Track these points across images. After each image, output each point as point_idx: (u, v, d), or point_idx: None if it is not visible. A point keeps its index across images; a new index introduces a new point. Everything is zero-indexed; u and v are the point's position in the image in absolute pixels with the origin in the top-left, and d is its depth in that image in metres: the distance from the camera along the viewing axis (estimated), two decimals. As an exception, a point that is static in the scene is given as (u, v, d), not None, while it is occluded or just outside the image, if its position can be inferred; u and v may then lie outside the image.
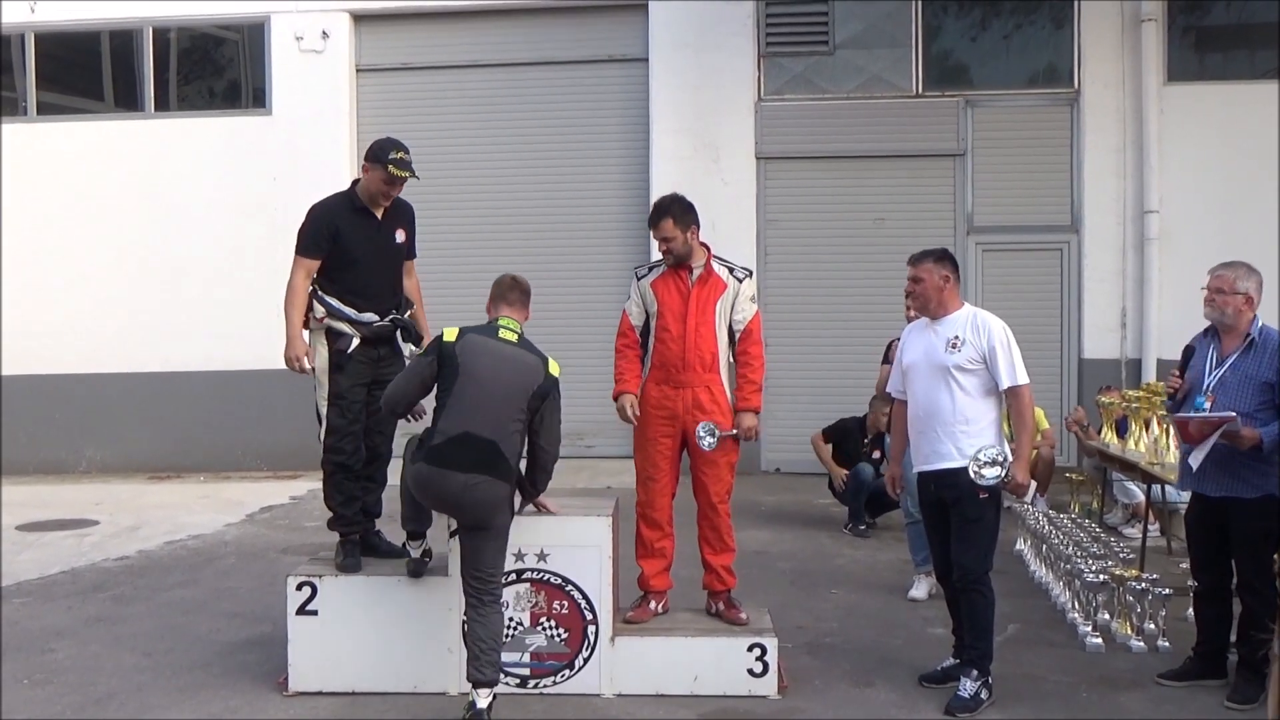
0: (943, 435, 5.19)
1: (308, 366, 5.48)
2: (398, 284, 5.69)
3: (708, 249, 5.58)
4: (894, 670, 5.65)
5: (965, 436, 5.15)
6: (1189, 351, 5.47)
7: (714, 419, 5.41)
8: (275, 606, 5.90)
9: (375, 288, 5.54)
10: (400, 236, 5.66)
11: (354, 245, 5.48)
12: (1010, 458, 5.08)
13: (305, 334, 5.57)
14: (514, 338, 4.97)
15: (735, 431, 5.44)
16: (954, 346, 5.19)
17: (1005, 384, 5.14)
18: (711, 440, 5.36)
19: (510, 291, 5.12)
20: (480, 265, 5.70)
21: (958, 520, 5.20)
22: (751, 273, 5.69)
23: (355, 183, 5.67)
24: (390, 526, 5.94)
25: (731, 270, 5.56)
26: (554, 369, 4.99)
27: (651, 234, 5.59)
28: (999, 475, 5.02)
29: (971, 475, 5.02)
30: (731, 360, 5.55)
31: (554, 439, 5.01)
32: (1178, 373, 5.51)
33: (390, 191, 5.51)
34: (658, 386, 5.51)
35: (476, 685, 4.78)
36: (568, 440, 5.65)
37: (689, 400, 5.43)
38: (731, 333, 5.52)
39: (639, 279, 5.64)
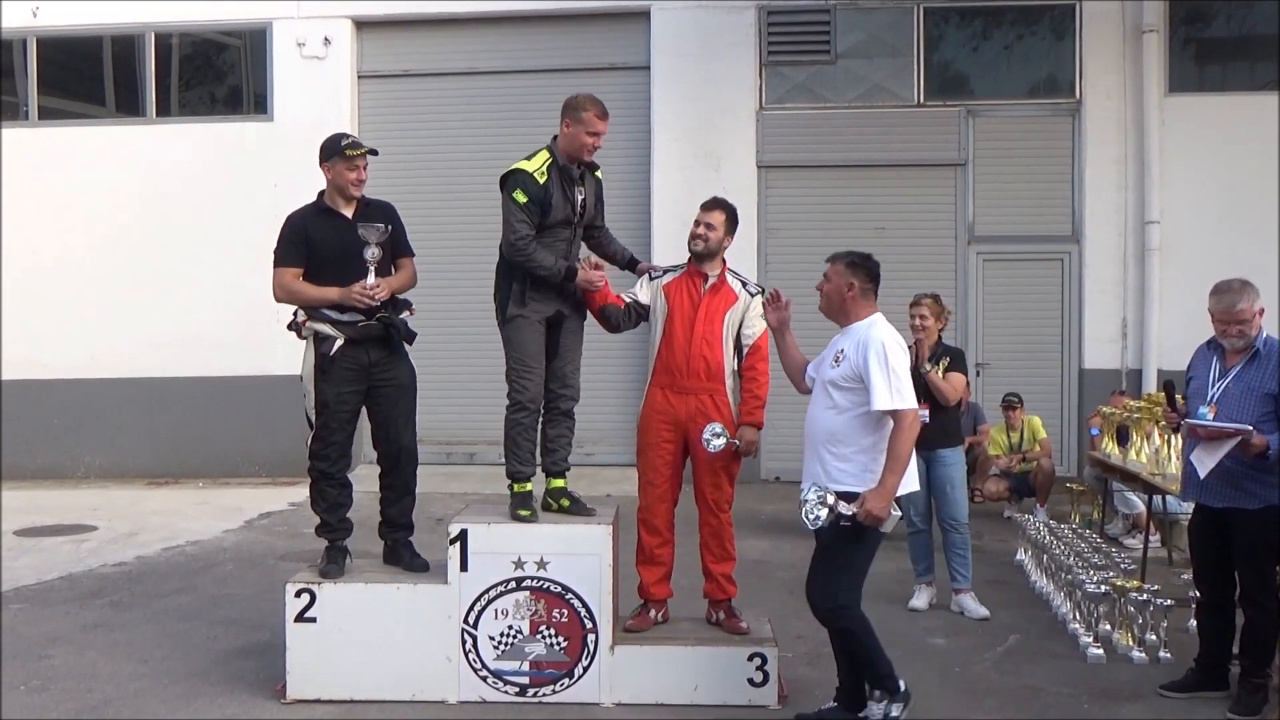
0: (813, 454, 4.83)
1: (370, 290, 5.27)
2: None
3: (725, 262, 5.60)
4: (894, 681, 5.62)
5: (833, 459, 4.74)
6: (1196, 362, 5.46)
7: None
8: (273, 613, 5.88)
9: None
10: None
11: (324, 246, 5.40)
12: (837, 505, 4.59)
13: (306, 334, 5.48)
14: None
15: (737, 442, 5.41)
16: (836, 361, 4.85)
17: (876, 405, 4.62)
18: (719, 442, 5.21)
19: None
20: (481, 271, 5.68)
21: (817, 546, 4.87)
22: (764, 289, 5.68)
23: (321, 193, 5.57)
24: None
25: (745, 284, 5.60)
26: (517, 165, 5.32)
27: (697, 216, 5.57)
28: (825, 518, 4.55)
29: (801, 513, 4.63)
30: (737, 371, 5.52)
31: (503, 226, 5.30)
32: (1172, 410, 5.54)
33: (359, 177, 5.44)
34: (661, 391, 5.50)
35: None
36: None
37: (692, 407, 5.42)
38: (740, 347, 5.50)
39: (652, 279, 5.65)
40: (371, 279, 5.31)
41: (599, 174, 5.70)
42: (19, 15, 12.49)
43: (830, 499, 4.59)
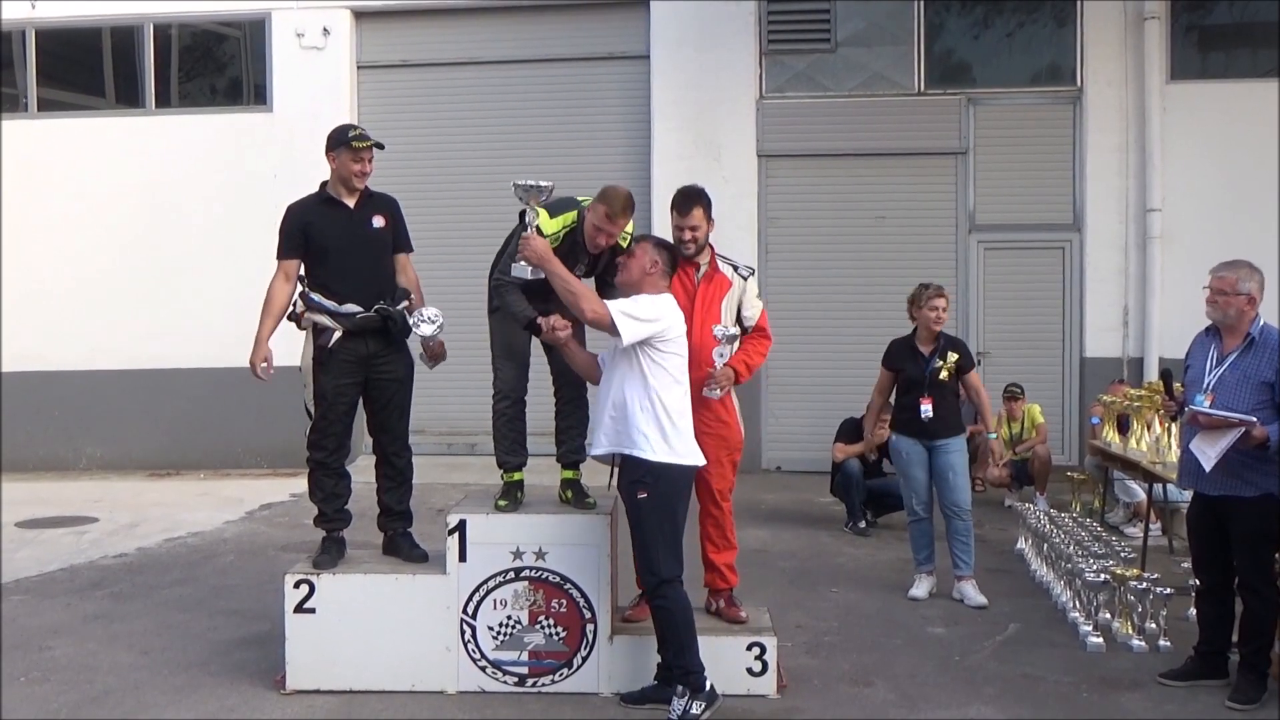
0: (598, 420, 5.02)
1: (266, 375, 5.42)
2: (382, 274, 5.52)
3: (712, 247, 5.58)
4: (893, 670, 5.63)
5: (611, 423, 4.88)
6: (1194, 350, 5.46)
7: (721, 418, 5.40)
8: (273, 604, 5.87)
9: (352, 277, 5.39)
10: (379, 222, 5.51)
11: (323, 236, 5.40)
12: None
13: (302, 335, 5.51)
14: None
15: (714, 373, 5.31)
16: None
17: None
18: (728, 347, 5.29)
19: None
20: (479, 261, 5.70)
21: (629, 522, 4.95)
22: (754, 270, 5.70)
23: (324, 183, 5.57)
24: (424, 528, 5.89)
25: (736, 269, 5.58)
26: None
27: (675, 220, 5.47)
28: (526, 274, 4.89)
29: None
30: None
31: None
32: (1170, 398, 5.53)
33: (363, 169, 5.44)
34: None
35: None
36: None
37: (695, 399, 5.40)
38: (743, 329, 5.53)
39: None
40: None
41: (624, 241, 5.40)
42: (18, 7, 12.48)
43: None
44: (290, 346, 5.59)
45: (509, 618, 5.20)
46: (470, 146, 12.19)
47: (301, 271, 5.50)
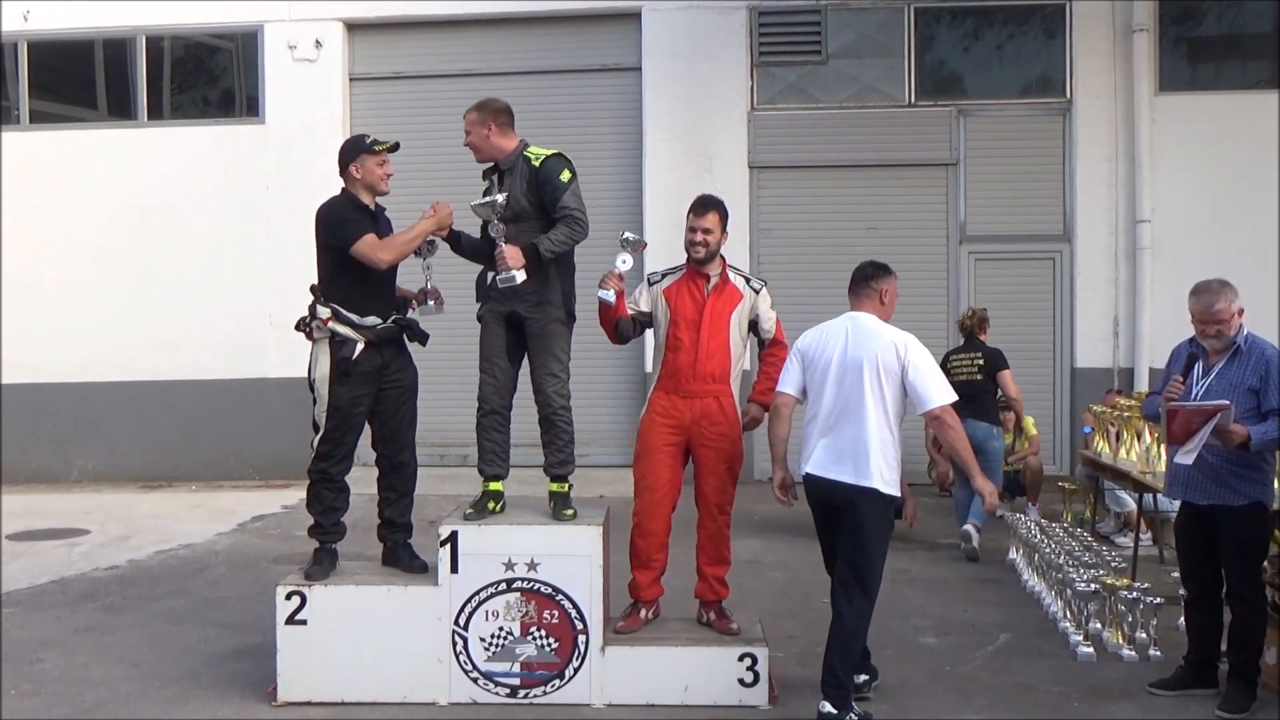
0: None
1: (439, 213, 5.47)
2: (394, 284, 5.57)
3: (724, 259, 5.59)
4: (885, 680, 5.63)
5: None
6: (1175, 359, 5.48)
7: (722, 430, 5.42)
8: (265, 616, 5.86)
9: (376, 286, 5.40)
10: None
11: None
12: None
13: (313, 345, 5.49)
14: None
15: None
16: None
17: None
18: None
19: None
20: (471, 274, 5.73)
21: None
22: (766, 283, 5.69)
23: (344, 190, 5.54)
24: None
25: (748, 281, 5.59)
26: None
27: (689, 222, 5.51)
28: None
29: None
30: (742, 369, 5.56)
31: None
32: (1179, 378, 5.48)
33: (388, 172, 5.50)
34: (666, 396, 5.45)
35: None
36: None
37: (697, 411, 5.39)
38: (761, 341, 5.59)
39: (651, 284, 5.61)
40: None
41: (537, 161, 5.67)
42: (11, 18, 12.50)
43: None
44: (297, 358, 5.57)
45: (501, 629, 5.20)
46: (462, 158, 12.09)
47: (315, 279, 5.47)
